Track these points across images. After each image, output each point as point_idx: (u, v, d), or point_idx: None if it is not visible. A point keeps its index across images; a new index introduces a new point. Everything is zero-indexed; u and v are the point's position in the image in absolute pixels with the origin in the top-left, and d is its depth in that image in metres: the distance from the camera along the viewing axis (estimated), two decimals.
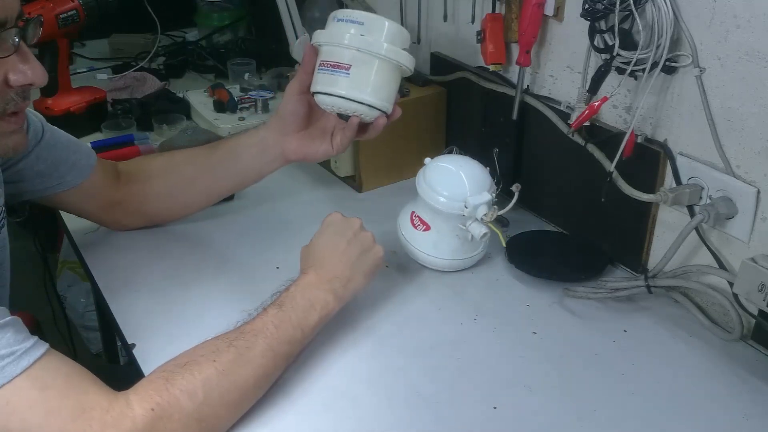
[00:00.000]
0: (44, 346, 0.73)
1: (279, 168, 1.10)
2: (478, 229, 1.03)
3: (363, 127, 0.99)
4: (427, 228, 1.08)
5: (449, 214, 1.04)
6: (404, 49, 0.95)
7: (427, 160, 1.10)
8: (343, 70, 0.93)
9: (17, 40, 0.77)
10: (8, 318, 0.72)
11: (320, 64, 0.95)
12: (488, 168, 1.09)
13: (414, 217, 1.10)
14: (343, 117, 0.97)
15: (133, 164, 1.15)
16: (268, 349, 0.83)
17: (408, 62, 0.96)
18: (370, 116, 0.97)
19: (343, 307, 1.00)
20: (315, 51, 0.97)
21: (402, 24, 1.45)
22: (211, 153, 1.11)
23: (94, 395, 0.72)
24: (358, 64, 0.93)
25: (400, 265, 1.12)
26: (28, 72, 0.78)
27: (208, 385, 0.76)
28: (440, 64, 1.39)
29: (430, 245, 1.08)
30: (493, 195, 1.05)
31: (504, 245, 1.07)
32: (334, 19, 0.95)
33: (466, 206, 1.03)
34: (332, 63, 0.94)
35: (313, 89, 0.97)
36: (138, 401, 0.73)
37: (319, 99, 0.96)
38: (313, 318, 0.89)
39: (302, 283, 0.91)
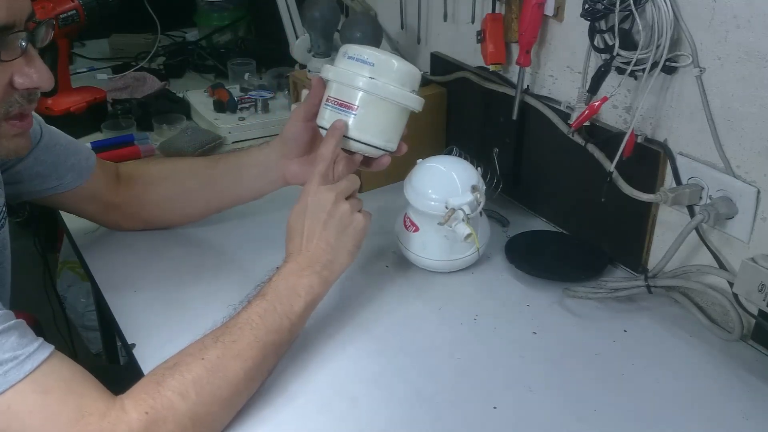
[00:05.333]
0: (48, 349, 0.73)
1: (278, 188, 1.10)
2: (462, 230, 1.02)
3: (367, 160, 0.99)
4: (417, 229, 1.08)
5: (434, 215, 1.04)
6: (413, 91, 0.95)
7: (419, 161, 1.10)
8: (351, 111, 0.92)
9: (25, 43, 0.76)
10: (12, 321, 0.72)
11: (327, 99, 0.95)
12: (480, 168, 1.09)
13: (406, 219, 1.10)
14: (347, 152, 0.97)
15: (133, 167, 1.15)
16: (254, 340, 0.82)
17: (416, 105, 0.96)
18: (375, 154, 0.97)
19: (344, 306, 1.01)
20: (323, 83, 0.96)
21: (402, 24, 1.46)
22: (212, 167, 1.11)
23: (92, 400, 0.72)
24: (366, 106, 0.92)
25: (400, 266, 1.12)
26: (34, 75, 0.78)
27: (199, 384, 0.76)
28: (440, 64, 1.39)
29: (419, 246, 1.08)
30: (478, 195, 1.04)
31: (477, 247, 1.06)
32: (345, 56, 0.94)
33: (446, 207, 1.02)
34: (340, 101, 0.93)
35: (319, 123, 0.97)
36: (133, 406, 0.73)
37: (325, 134, 0.96)
38: (299, 305, 0.87)
39: (284, 272, 0.90)
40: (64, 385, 0.72)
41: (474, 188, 1.04)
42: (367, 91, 0.92)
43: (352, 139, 0.94)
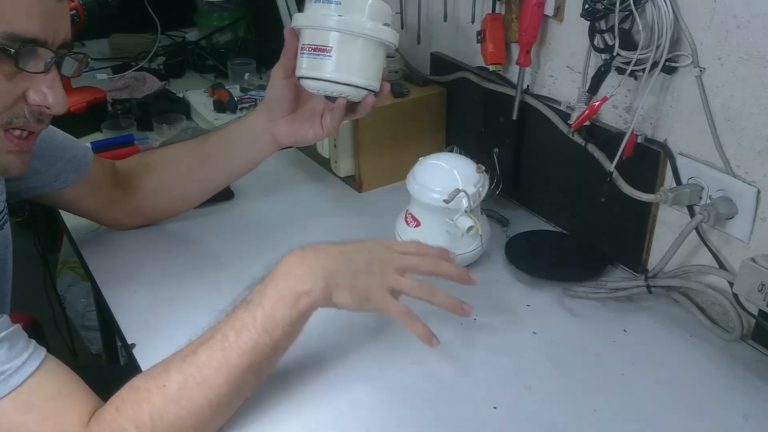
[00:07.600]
0: (37, 360, 0.72)
1: (272, 154, 1.10)
2: (464, 222, 1.02)
3: (352, 106, 0.98)
4: (418, 224, 1.08)
5: (436, 207, 1.04)
6: (386, 24, 0.93)
7: (421, 157, 1.11)
8: (326, 53, 0.91)
9: (50, 61, 0.76)
10: (4, 333, 0.72)
11: (302, 48, 0.94)
12: (480, 164, 1.09)
13: (407, 215, 1.10)
14: (331, 99, 0.96)
15: (129, 162, 1.16)
16: (224, 364, 0.75)
17: (391, 38, 0.94)
18: (358, 96, 0.95)
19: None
20: (295, 35, 0.96)
21: (402, 24, 1.46)
22: (202, 145, 1.11)
23: (72, 418, 0.72)
24: (341, 46, 0.91)
25: None
26: (50, 96, 0.77)
27: (156, 415, 0.72)
28: (440, 64, 1.39)
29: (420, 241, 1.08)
30: (479, 188, 1.05)
31: (480, 234, 1.06)
32: (311, 0, 0.93)
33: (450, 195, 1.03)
34: (314, 46, 0.92)
35: (297, 74, 0.96)
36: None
37: (305, 83, 0.95)
38: (284, 315, 0.78)
39: (280, 271, 0.80)
40: (46, 404, 0.72)
41: (479, 168, 1.05)
42: (339, 29, 0.90)
43: (332, 81, 0.92)
